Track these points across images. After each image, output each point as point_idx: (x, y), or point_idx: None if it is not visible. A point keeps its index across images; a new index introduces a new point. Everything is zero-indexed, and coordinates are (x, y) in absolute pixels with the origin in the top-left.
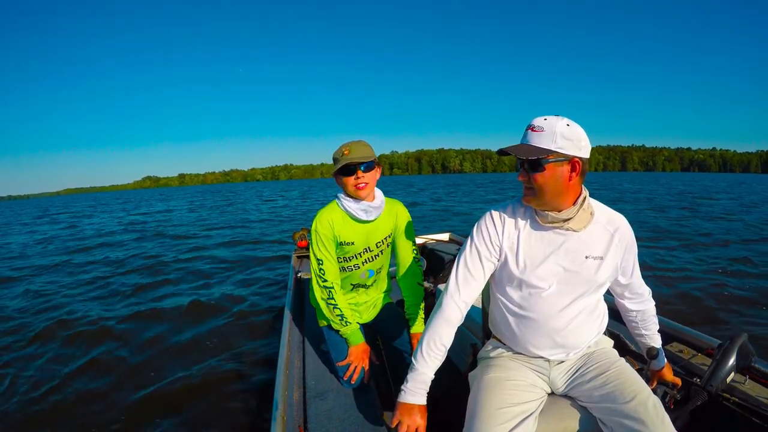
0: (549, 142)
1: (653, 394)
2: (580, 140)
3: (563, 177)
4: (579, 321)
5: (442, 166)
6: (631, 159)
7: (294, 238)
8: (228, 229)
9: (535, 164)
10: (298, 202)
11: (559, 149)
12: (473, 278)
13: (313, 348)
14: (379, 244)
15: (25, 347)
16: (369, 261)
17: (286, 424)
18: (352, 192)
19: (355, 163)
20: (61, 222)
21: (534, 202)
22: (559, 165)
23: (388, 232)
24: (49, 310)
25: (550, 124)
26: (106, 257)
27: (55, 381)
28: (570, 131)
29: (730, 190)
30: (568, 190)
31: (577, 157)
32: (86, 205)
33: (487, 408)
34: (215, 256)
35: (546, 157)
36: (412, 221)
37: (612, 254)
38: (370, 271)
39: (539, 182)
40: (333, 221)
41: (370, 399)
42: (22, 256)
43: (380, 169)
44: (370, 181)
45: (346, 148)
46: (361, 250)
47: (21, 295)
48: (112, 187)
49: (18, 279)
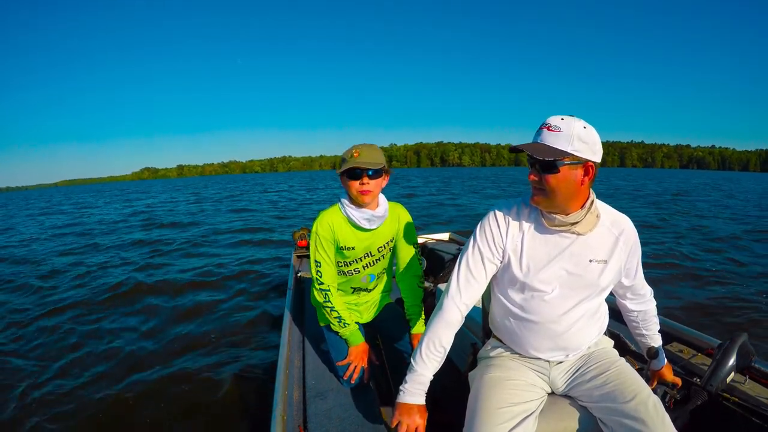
0: (566, 143)
1: (653, 394)
2: (596, 144)
3: (576, 180)
4: (581, 324)
5: (441, 159)
6: (630, 155)
7: (294, 238)
8: (228, 227)
9: (550, 165)
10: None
11: (575, 152)
12: (475, 280)
13: (313, 348)
14: (380, 249)
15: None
16: (370, 266)
17: (286, 424)
18: (355, 196)
19: (363, 167)
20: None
21: (543, 203)
22: (574, 168)
23: (389, 237)
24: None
25: (567, 124)
26: (109, 252)
27: (51, 375)
28: (587, 134)
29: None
30: (578, 193)
31: (591, 162)
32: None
33: (488, 407)
34: (214, 254)
35: (562, 159)
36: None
37: (616, 257)
38: (371, 276)
39: (552, 184)
40: (333, 224)
41: (369, 399)
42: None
43: (388, 177)
44: (375, 188)
45: (356, 150)
46: (361, 255)
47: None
48: (110, 178)
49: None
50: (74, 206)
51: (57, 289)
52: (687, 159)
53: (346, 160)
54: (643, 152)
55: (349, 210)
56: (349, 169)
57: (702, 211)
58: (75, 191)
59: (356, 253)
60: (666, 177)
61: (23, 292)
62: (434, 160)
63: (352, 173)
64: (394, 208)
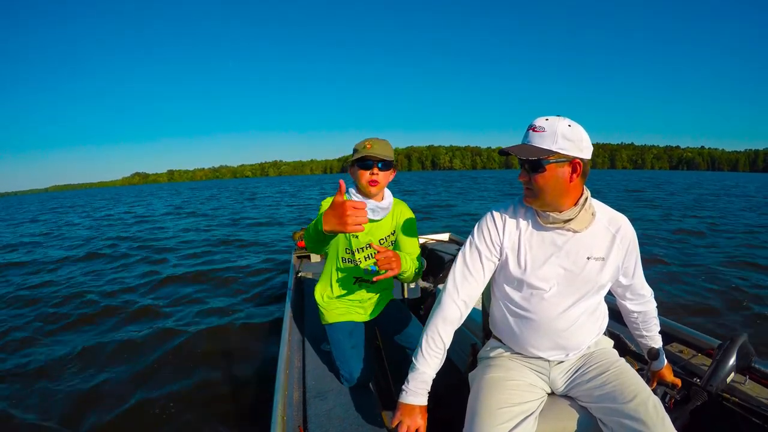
0: (550, 142)
1: (653, 395)
2: (582, 141)
3: (564, 178)
4: (580, 322)
5: (432, 162)
6: (620, 157)
7: (294, 238)
8: (227, 226)
9: (536, 165)
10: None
11: (560, 150)
12: (472, 277)
13: (313, 348)
14: (382, 241)
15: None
16: (371, 257)
17: (286, 424)
18: (364, 186)
19: (374, 158)
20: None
21: (535, 202)
22: (560, 166)
23: (390, 230)
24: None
25: (551, 124)
26: (115, 250)
27: (48, 373)
28: (572, 132)
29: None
30: (569, 191)
31: (579, 158)
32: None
33: (488, 408)
34: (214, 254)
35: (547, 157)
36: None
37: (614, 255)
38: (372, 267)
39: (540, 183)
40: None
41: (370, 399)
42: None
43: (395, 172)
44: (383, 180)
45: (369, 142)
46: (363, 245)
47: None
48: (100, 183)
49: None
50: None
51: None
52: (677, 160)
53: (358, 150)
54: (633, 154)
55: (355, 199)
56: (361, 158)
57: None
58: (62, 196)
59: (359, 242)
60: (662, 178)
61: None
62: (425, 163)
63: (363, 163)
64: (397, 203)
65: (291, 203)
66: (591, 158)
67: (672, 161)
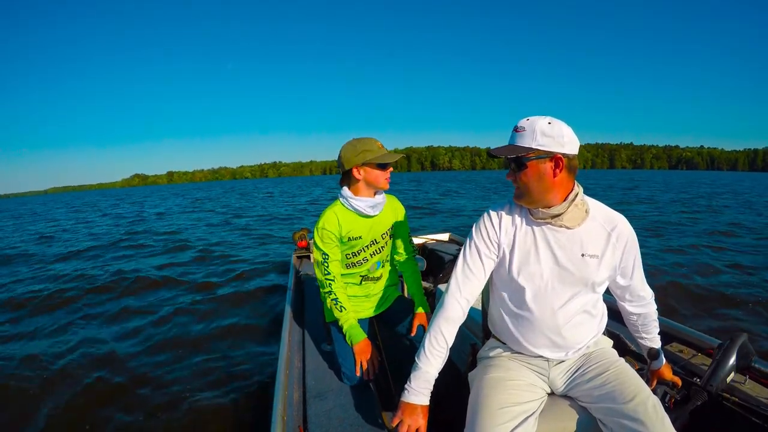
0: (530, 140)
1: (653, 395)
2: (562, 137)
3: (547, 174)
4: (576, 320)
5: (432, 163)
6: (619, 157)
7: (294, 239)
8: (227, 226)
9: (518, 163)
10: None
11: (539, 146)
12: (474, 275)
13: (313, 348)
14: (383, 236)
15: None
16: (377, 253)
17: (286, 424)
18: (382, 184)
19: (391, 161)
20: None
21: (523, 200)
22: (542, 162)
23: (389, 224)
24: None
25: (530, 123)
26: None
27: (47, 371)
28: (550, 129)
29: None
30: (554, 186)
31: (560, 153)
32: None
33: (488, 408)
34: (214, 254)
35: (526, 155)
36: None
37: (610, 253)
38: (377, 263)
39: (524, 180)
40: (339, 218)
41: (370, 399)
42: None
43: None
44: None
45: (377, 142)
46: (368, 243)
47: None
48: (100, 185)
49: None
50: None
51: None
52: (676, 160)
53: (372, 151)
54: (632, 153)
55: (354, 203)
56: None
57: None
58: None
59: (363, 241)
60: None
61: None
62: (425, 164)
63: (383, 165)
64: (389, 198)
65: (289, 202)
66: (578, 154)
67: (671, 161)
